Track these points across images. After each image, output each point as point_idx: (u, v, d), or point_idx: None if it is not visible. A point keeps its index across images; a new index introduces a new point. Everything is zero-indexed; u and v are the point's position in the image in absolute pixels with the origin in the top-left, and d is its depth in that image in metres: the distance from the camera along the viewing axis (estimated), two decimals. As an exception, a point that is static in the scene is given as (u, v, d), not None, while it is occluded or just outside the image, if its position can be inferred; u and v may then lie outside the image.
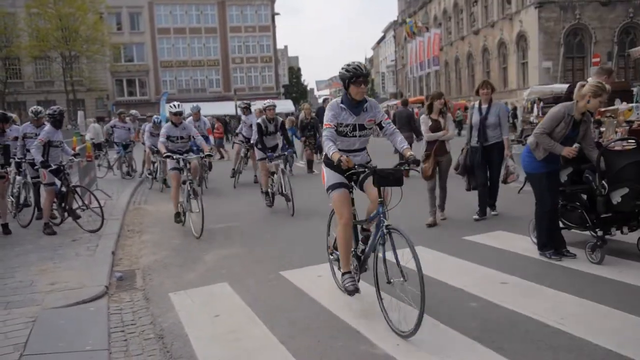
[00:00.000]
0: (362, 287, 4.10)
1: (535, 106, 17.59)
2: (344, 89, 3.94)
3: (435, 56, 43.55)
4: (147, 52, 49.63)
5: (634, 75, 34.10)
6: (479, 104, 6.99)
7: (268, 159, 8.47)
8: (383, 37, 75.78)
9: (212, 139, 16.63)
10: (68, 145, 8.57)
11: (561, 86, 17.47)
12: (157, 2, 49.43)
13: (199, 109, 11.71)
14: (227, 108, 40.50)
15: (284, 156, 8.62)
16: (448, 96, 41.08)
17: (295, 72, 79.92)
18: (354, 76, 3.80)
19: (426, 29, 45.98)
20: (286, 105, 43.95)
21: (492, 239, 5.93)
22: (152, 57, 49.72)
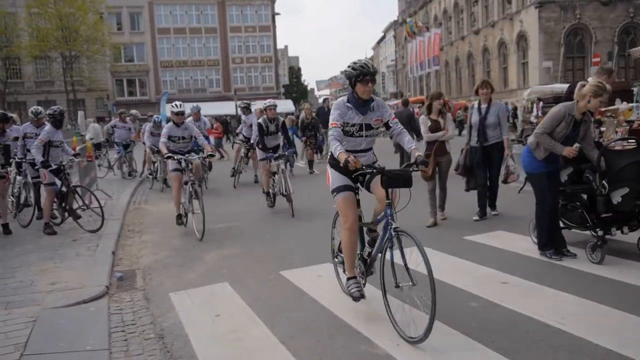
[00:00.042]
0: (367, 290, 4.01)
1: (535, 106, 17.58)
2: (350, 87, 3.84)
3: (436, 56, 43.56)
4: (147, 52, 49.66)
5: (634, 75, 34.11)
6: (479, 103, 6.96)
7: (268, 159, 8.43)
8: (383, 37, 75.78)
9: (212, 138, 16.67)
10: (68, 145, 8.57)
11: (561, 86, 17.47)
12: (157, 2, 49.46)
13: (199, 109, 11.70)
14: (227, 108, 40.53)
15: (284, 156, 8.55)
16: (448, 96, 41.11)
17: (295, 72, 80.00)
18: (360, 74, 3.71)
19: (426, 29, 45.96)
20: (286, 105, 43.97)
21: (493, 239, 5.93)
22: (152, 57, 49.75)
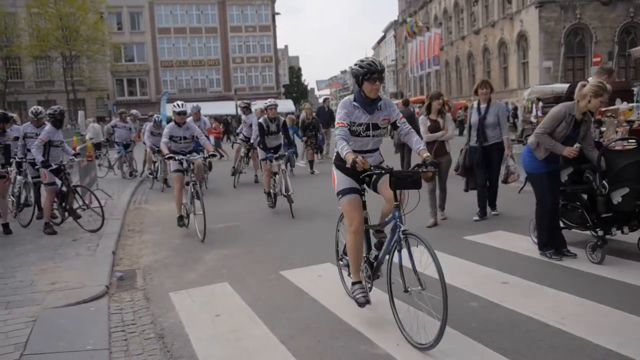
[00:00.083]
0: (373, 294, 3.94)
1: (534, 107, 17.59)
2: (357, 86, 3.75)
3: (436, 56, 43.57)
4: (147, 51, 49.67)
5: (634, 75, 34.12)
6: (478, 103, 6.95)
7: (268, 159, 8.37)
8: (383, 37, 75.82)
9: (211, 138, 16.66)
10: (69, 145, 8.57)
11: (562, 86, 17.48)
12: (157, 2, 49.46)
13: (199, 108, 11.68)
14: (228, 108, 40.52)
15: (285, 156, 8.48)
16: (449, 96, 41.14)
17: (295, 72, 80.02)
18: (368, 72, 3.61)
19: (427, 29, 45.97)
20: (287, 105, 43.94)
21: (493, 239, 5.93)
22: (153, 56, 49.76)
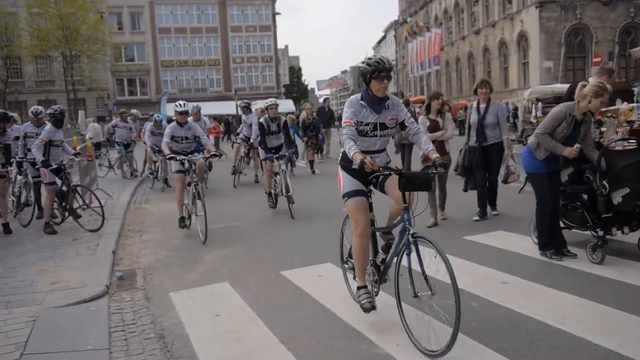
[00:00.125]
0: (378, 298, 3.87)
1: (534, 107, 17.59)
2: (364, 84, 3.65)
3: (436, 56, 43.56)
4: (147, 51, 49.70)
5: (634, 75, 34.11)
6: (477, 103, 6.94)
7: (268, 159, 8.28)
8: (384, 37, 75.83)
9: (211, 138, 16.66)
10: (69, 144, 8.57)
11: (562, 86, 17.47)
12: (157, 1, 49.48)
13: (199, 108, 11.67)
14: (228, 108, 40.51)
15: (286, 157, 8.41)
16: (449, 96, 41.15)
17: (296, 72, 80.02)
18: (376, 70, 3.51)
19: (427, 29, 45.97)
20: (287, 105, 43.93)
21: (493, 239, 5.92)
22: (153, 56, 49.79)
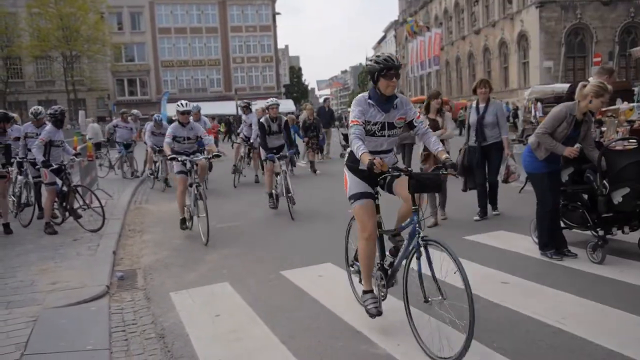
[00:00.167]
0: (386, 302, 3.78)
1: (533, 107, 17.60)
2: (372, 83, 3.56)
3: (436, 56, 43.56)
4: (148, 51, 49.71)
5: (635, 74, 34.12)
6: (477, 103, 6.93)
7: (269, 159, 8.20)
8: (384, 37, 75.82)
9: (210, 138, 16.65)
10: (69, 144, 8.57)
11: (562, 86, 17.48)
12: (157, 1, 49.49)
13: (199, 108, 11.65)
14: (228, 108, 40.50)
15: (287, 157, 8.34)
16: (449, 96, 41.16)
17: (296, 72, 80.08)
18: (384, 68, 3.43)
19: (427, 29, 45.96)
20: (287, 105, 43.94)
21: (493, 239, 5.92)
22: (153, 56, 49.80)
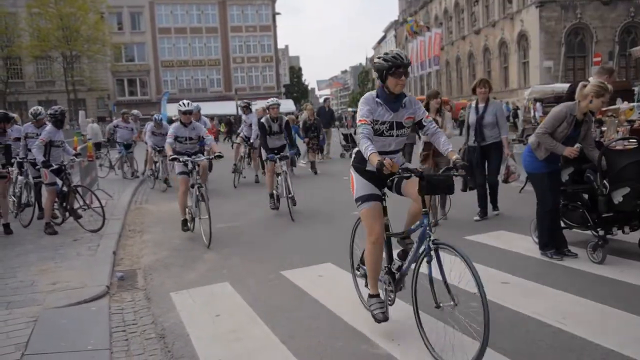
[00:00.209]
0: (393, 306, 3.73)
1: (532, 108, 17.59)
2: (380, 81, 3.46)
3: (436, 56, 43.59)
4: (148, 51, 49.72)
5: (635, 74, 34.14)
6: (476, 103, 6.92)
7: (270, 160, 8.12)
8: (384, 37, 75.86)
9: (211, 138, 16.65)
10: (69, 145, 8.57)
11: (562, 86, 17.46)
12: (157, 1, 49.50)
13: (199, 108, 11.61)
14: (228, 108, 40.55)
15: (287, 158, 8.27)
16: (449, 96, 41.20)
17: (296, 72, 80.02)
18: (393, 66, 3.33)
19: (427, 29, 45.97)
20: (287, 105, 43.93)
21: (493, 239, 5.92)
22: (153, 56, 49.81)
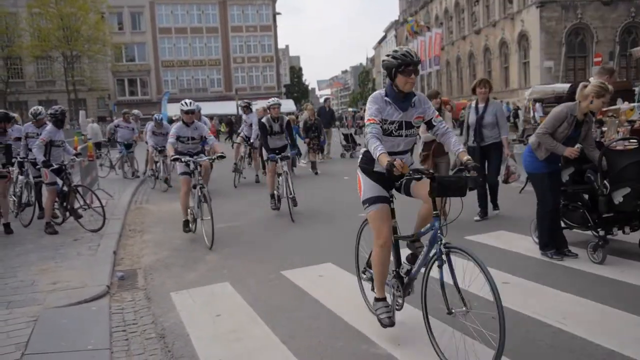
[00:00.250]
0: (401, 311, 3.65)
1: (532, 109, 17.57)
2: (389, 80, 3.36)
3: (437, 56, 43.55)
4: (148, 51, 49.73)
5: (635, 74, 34.10)
6: (476, 103, 6.91)
7: (271, 160, 8.08)
8: (384, 37, 75.86)
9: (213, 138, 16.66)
10: (70, 144, 8.57)
11: (563, 86, 17.43)
12: (158, 1, 49.52)
13: (199, 108, 11.54)
14: (229, 108, 40.56)
15: (288, 158, 8.25)
16: (449, 96, 41.18)
17: (296, 72, 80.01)
18: (402, 64, 3.22)
19: (427, 29, 45.96)
20: (288, 105, 43.94)
21: (494, 239, 5.92)
22: (154, 56, 49.82)
